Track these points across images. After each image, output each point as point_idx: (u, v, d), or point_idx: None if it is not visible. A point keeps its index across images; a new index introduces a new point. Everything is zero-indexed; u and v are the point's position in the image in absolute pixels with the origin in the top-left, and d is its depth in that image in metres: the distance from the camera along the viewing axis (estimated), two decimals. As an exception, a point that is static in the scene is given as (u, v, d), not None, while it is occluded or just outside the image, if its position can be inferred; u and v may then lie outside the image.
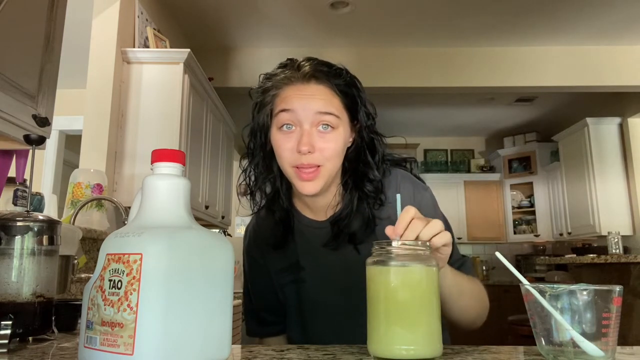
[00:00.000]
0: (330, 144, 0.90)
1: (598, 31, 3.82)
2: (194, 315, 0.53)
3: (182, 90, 2.68)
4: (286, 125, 0.91)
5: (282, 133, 0.92)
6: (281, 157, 0.92)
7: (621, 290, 0.59)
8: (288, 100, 0.92)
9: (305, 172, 0.90)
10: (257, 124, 0.98)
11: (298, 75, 0.93)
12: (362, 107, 0.96)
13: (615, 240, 4.42)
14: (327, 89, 0.93)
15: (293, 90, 0.93)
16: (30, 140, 1.14)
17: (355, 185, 0.97)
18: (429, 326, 0.63)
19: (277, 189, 1.00)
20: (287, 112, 0.91)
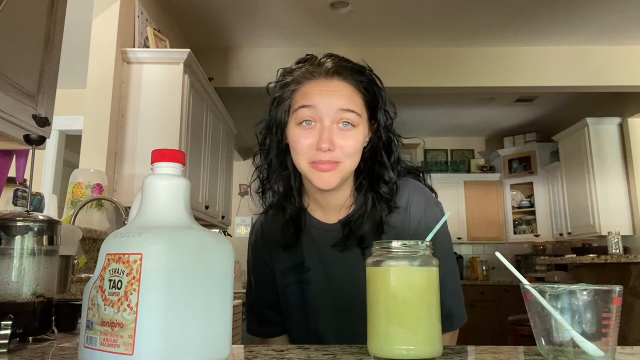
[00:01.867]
0: (351, 142, 0.89)
1: (598, 31, 3.82)
2: (194, 315, 0.53)
3: (182, 90, 2.68)
4: (306, 121, 0.89)
5: (301, 129, 0.90)
6: (298, 153, 0.91)
7: (621, 290, 0.59)
8: (309, 95, 0.90)
9: (322, 165, 0.89)
10: (274, 120, 0.96)
11: (320, 70, 0.92)
12: (382, 105, 0.95)
13: (615, 240, 4.42)
14: (349, 86, 0.91)
15: (315, 86, 0.91)
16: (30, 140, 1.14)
17: (371, 187, 0.96)
18: (429, 326, 0.63)
19: (290, 187, 0.99)
20: (307, 108, 0.89)
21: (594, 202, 4.92)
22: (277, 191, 1.00)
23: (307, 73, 0.92)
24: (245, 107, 5.00)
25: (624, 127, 4.90)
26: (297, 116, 0.90)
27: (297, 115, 0.90)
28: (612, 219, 4.79)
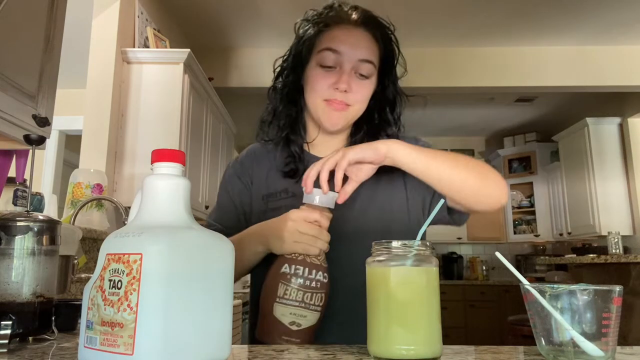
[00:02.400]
0: (364, 90, 0.97)
1: (598, 31, 3.82)
2: (194, 315, 0.53)
3: (182, 90, 2.68)
4: (328, 65, 0.95)
5: (322, 70, 0.96)
6: (315, 91, 0.97)
7: (621, 290, 0.59)
8: (336, 40, 0.96)
9: (335, 104, 0.96)
10: (296, 56, 1.02)
11: (349, 17, 0.98)
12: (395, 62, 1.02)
13: (615, 240, 4.42)
14: (372, 38, 0.98)
15: (342, 32, 0.97)
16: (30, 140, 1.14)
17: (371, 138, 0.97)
18: (429, 326, 0.63)
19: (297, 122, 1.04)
20: (332, 52, 0.95)
21: (594, 202, 4.92)
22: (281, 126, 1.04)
23: (337, 17, 0.98)
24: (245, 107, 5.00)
25: (624, 127, 4.90)
26: (321, 58, 0.96)
27: (321, 56, 0.96)
28: (612, 219, 4.79)
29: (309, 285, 0.79)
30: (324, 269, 0.81)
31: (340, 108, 0.96)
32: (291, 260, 0.81)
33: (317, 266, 0.80)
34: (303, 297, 0.78)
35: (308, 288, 0.79)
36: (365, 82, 0.97)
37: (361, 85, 0.96)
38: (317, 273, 0.80)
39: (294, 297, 0.78)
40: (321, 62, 0.96)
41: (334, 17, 0.98)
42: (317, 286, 0.79)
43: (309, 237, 0.80)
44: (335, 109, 0.96)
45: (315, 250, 0.80)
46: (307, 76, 1.00)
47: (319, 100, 0.97)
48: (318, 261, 0.81)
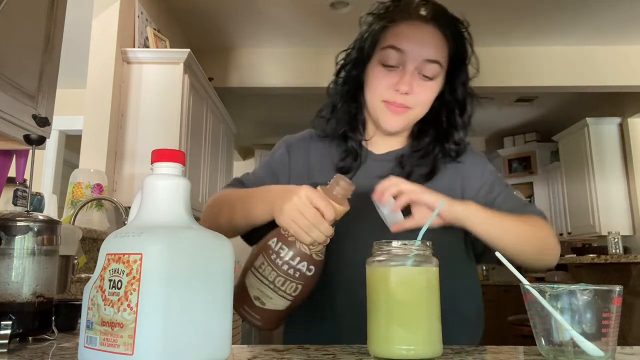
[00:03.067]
0: (427, 92, 0.91)
1: (598, 31, 3.82)
2: (194, 315, 0.53)
3: (182, 90, 2.68)
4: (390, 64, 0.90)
5: (383, 69, 0.90)
6: (375, 90, 0.92)
7: (621, 290, 0.59)
8: (401, 37, 0.90)
9: (395, 107, 0.91)
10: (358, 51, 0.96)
11: (418, 12, 0.91)
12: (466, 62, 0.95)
13: (615, 240, 4.42)
14: (441, 35, 0.91)
15: (408, 28, 0.90)
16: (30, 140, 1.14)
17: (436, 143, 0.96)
18: (429, 326, 0.63)
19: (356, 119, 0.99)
20: (396, 50, 0.89)
21: (594, 202, 4.92)
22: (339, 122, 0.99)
23: (404, 12, 0.91)
24: (245, 107, 5.01)
25: (624, 127, 4.90)
26: (383, 55, 0.90)
27: (384, 54, 0.90)
28: (612, 219, 4.79)
29: (286, 270, 0.72)
30: (312, 261, 0.74)
31: (400, 111, 0.91)
32: (281, 237, 0.74)
33: (305, 255, 0.73)
34: (275, 279, 0.72)
35: (284, 273, 0.72)
36: (429, 83, 0.90)
37: (424, 87, 0.90)
38: (300, 262, 0.73)
39: (267, 274, 0.73)
40: (383, 60, 0.90)
41: (401, 12, 0.91)
42: (295, 275, 0.73)
43: (306, 223, 0.72)
44: (394, 112, 0.91)
45: (307, 238, 0.72)
46: (367, 74, 0.94)
47: (378, 101, 0.92)
48: (309, 250, 0.73)
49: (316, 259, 0.74)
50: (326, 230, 0.73)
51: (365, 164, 0.98)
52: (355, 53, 0.96)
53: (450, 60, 0.93)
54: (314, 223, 0.72)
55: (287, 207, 0.74)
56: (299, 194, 0.74)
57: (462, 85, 0.96)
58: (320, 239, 0.73)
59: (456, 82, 0.95)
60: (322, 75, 4.05)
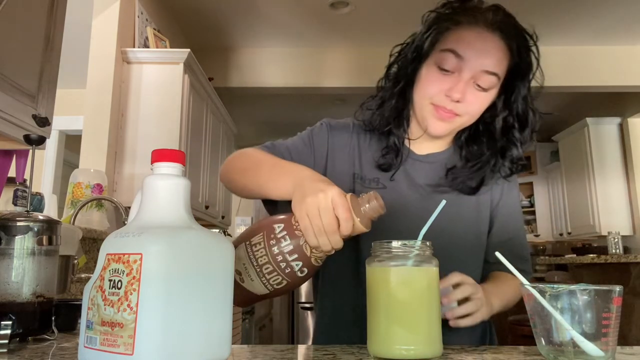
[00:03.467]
0: (479, 102, 0.88)
1: (598, 31, 3.82)
2: (194, 315, 0.53)
3: (182, 90, 2.68)
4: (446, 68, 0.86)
5: (438, 72, 0.87)
6: (425, 92, 0.89)
7: (621, 290, 0.59)
8: (462, 43, 0.85)
9: (443, 112, 0.88)
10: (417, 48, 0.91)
11: (485, 18, 0.86)
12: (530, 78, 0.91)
13: (615, 240, 4.42)
14: (504, 47, 0.87)
15: (472, 34, 0.86)
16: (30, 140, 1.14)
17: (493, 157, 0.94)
18: (429, 326, 0.63)
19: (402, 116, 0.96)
20: (455, 55, 0.85)
21: (594, 202, 4.92)
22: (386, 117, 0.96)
23: (470, 16, 0.87)
24: (245, 107, 5.01)
25: (624, 127, 4.90)
26: (441, 59, 0.87)
27: (442, 57, 0.87)
28: (612, 219, 4.79)
29: (278, 262, 0.68)
30: (308, 264, 0.70)
31: (447, 117, 0.88)
32: (289, 226, 0.70)
33: (304, 256, 0.69)
34: (264, 265, 0.69)
35: (275, 263, 0.68)
36: (482, 94, 0.87)
37: (477, 97, 0.87)
38: (296, 260, 0.69)
39: (258, 256, 0.69)
40: (440, 63, 0.86)
41: (467, 15, 0.87)
42: (286, 271, 0.69)
43: (319, 225, 0.67)
44: (441, 117, 0.88)
45: (314, 240, 0.68)
46: (421, 73, 0.90)
47: (427, 102, 0.89)
48: (309, 252, 0.69)
49: (313, 264, 0.71)
50: (335, 243, 0.69)
51: (406, 163, 0.97)
52: (412, 50, 0.92)
53: (511, 72, 0.89)
54: (327, 230, 0.68)
55: (309, 199, 0.69)
56: (326, 193, 0.69)
57: (523, 99, 0.91)
58: (326, 247, 0.69)
59: (516, 96, 0.91)
60: (322, 75, 4.06)
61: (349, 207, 0.68)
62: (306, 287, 5.67)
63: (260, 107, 5.09)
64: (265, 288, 0.70)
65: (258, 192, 0.86)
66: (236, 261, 0.67)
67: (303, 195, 0.70)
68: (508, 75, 0.89)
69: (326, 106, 4.91)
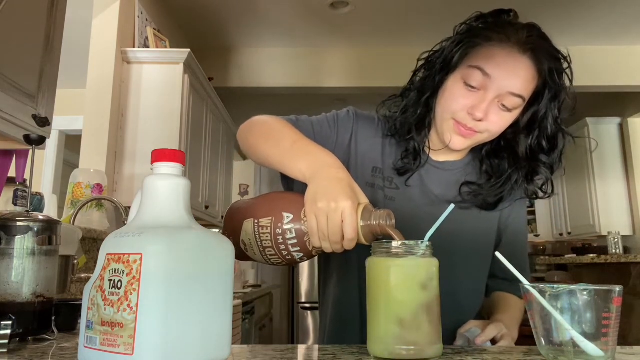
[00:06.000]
0: (501, 122, 0.87)
1: (598, 31, 3.82)
2: (194, 315, 0.53)
3: (182, 90, 2.68)
4: (472, 85, 0.85)
5: (464, 87, 0.86)
6: (449, 106, 0.88)
7: (621, 290, 0.59)
8: (492, 62, 0.84)
9: (464, 129, 0.87)
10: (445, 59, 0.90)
11: (517, 39, 0.85)
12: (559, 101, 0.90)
13: (615, 240, 4.42)
14: (534, 69, 0.85)
15: (502, 54, 0.84)
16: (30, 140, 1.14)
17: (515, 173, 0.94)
18: (429, 326, 0.63)
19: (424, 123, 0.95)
20: (482, 73, 0.84)
21: (594, 202, 4.92)
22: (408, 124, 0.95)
23: (503, 35, 0.86)
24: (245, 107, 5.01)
25: (624, 127, 4.90)
26: (468, 74, 0.85)
27: (469, 73, 0.85)
28: (612, 219, 4.79)
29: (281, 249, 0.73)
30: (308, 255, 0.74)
31: (467, 135, 0.88)
32: (297, 219, 0.72)
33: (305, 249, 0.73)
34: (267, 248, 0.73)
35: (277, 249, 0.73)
36: (505, 114, 0.86)
37: (499, 117, 0.86)
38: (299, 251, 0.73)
39: (264, 238, 0.73)
40: (466, 78, 0.85)
41: (499, 32, 0.86)
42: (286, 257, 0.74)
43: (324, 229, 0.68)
44: (461, 133, 0.88)
45: (317, 242, 0.70)
46: (446, 85, 0.89)
47: (448, 117, 0.88)
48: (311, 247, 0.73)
49: (313, 255, 0.75)
50: (337, 249, 0.71)
51: (423, 168, 0.97)
52: (440, 60, 0.91)
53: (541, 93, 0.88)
54: (330, 237, 0.69)
55: (320, 205, 0.69)
56: (338, 205, 0.68)
57: (554, 121, 0.90)
58: (327, 250, 0.71)
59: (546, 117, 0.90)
60: (322, 75, 4.06)
61: (356, 227, 0.69)
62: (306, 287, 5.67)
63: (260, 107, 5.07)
64: (265, 262, 0.76)
65: (275, 166, 0.84)
66: (243, 233, 0.75)
67: (316, 194, 0.70)
68: (537, 95, 0.88)
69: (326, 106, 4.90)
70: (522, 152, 0.92)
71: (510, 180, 0.94)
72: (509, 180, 0.94)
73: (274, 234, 0.72)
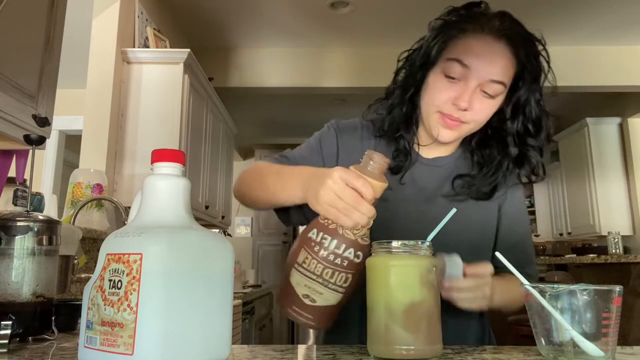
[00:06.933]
0: (486, 110, 0.89)
1: (598, 31, 3.82)
2: (194, 315, 0.53)
3: (182, 90, 2.68)
4: (452, 76, 0.87)
5: (445, 80, 0.88)
6: (433, 100, 0.90)
7: (621, 290, 0.59)
8: (469, 53, 0.86)
9: (450, 120, 0.89)
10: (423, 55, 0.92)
11: (491, 27, 0.87)
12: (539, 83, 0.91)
13: (615, 240, 4.42)
14: (511, 55, 0.87)
15: (478, 44, 0.87)
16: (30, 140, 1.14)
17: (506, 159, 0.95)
18: (429, 326, 0.63)
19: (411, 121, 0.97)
20: (461, 65, 0.86)
21: (594, 202, 4.92)
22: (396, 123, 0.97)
23: (476, 24, 0.88)
24: (245, 107, 5.01)
25: (624, 127, 4.90)
26: (447, 67, 0.87)
27: (448, 66, 0.87)
28: (612, 219, 4.79)
29: (333, 260, 0.69)
30: (358, 247, 0.70)
31: (453, 126, 0.89)
32: (321, 226, 0.71)
33: (350, 241, 0.69)
34: (322, 272, 0.68)
35: (330, 264, 0.68)
36: (489, 101, 0.88)
37: (483, 105, 0.88)
38: (347, 249, 0.69)
39: (313, 269, 0.69)
40: (446, 71, 0.87)
41: (473, 22, 0.88)
42: (343, 264, 0.69)
43: (345, 205, 0.68)
44: (448, 125, 0.89)
45: (349, 222, 0.69)
46: (428, 80, 0.92)
47: (434, 111, 0.90)
48: (353, 236, 0.70)
49: (362, 244, 0.70)
50: (367, 211, 0.69)
51: (414, 166, 0.98)
52: (419, 57, 0.94)
53: (520, 78, 0.90)
54: (353, 205, 0.68)
55: (322, 192, 0.70)
56: (332, 176, 0.70)
57: (536, 104, 0.92)
58: (362, 220, 0.69)
59: (529, 101, 0.91)
60: (322, 75, 4.06)
61: (358, 175, 0.69)
62: (306, 287, 5.66)
63: (260, 107, 5.09)
64: (336, 292, 0.70)
65: (269, 202, 0.88)
66: (297, 288, 0.70)
67: (315, 192, 0.72)
68: (517, 81, 0.90)
69: (326, 106, 4.91)
70: (509, 137, 0.93)
71: (502, 167, 0.95)
72: (500, 167, 0.95)
73: (315, 254, 0.70)
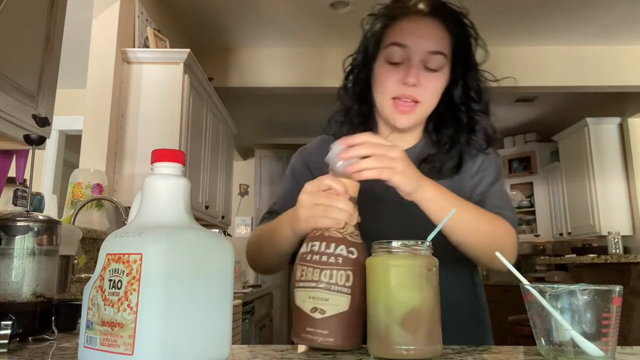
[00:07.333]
0: (434, 83, 0.92)
1: (598, 31, 3.82)
2: (194, 315, 0.53)
3: (182, 90, 2.68)
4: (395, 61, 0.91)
5: (389, 66, 0.92)
6: (384, 88, 0.93)
7: (621, 290, 0.59)
8: (403, 34, 0.92)
9: (403, 105, 0.92)
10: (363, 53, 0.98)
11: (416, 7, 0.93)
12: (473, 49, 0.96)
13: (615, 240, 4.42)
14: (441, 26, 0.93)
15: (409, 24, 0.93)
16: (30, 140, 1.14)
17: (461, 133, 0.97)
18: (429, 326, 0.63)
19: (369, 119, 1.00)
20: (399, 46, 0.91)
21: (594, 202, 4.92)
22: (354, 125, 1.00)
23: (403, 9, 0.94)
24: (245, 107, 5.01)
25: (624, 127, 4.90)
26: (388, 53, 0.92)
27: (388, 52, 0.92)
28: (612, 219, 4.79)
29: (327, 261, 0.67)
30: (349, 243, 0.69)
31: (408, 110, 0.92)
32: (309, 238, 0.72)
33: (339, 239, 0.69)
34: (320, 275, 0.67)
35: (325, 264, 0.67)
36: (434, 74, 0.92)
37: (430, 79, 0.91)
38: (337, 247, 0.68)
39: (310, 276, 0.67)
40: (388, 58, 0.92)
41: (400, 9, 0.94)
42: (339, 262, 0.67)
43: (322, 207, 0.70)
44: (402, 111, 0.92)
45: (328, 221, 0.70)
46: (375, 73, 0.96)
47: (387, 99, 0.93)
48: (340, 234, 0.70)
49: (352, 241, 0.70)
50: (345, 205, 0.70)
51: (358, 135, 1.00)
52: (360, 55, 0.99)
53: (456, 49, 0.95)
54: (329, 203, 0.70)
55: (300, 209, 0.75)
56: (305, 190, 0.75)
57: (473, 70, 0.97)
58: (342, 215, 0.70)
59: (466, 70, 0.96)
60: (322, 75, 4.05)
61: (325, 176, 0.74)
62: (306, 287, 5.66)
63: (260, 107, 5.09)
64: (342, 294, 0.67)
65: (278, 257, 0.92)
66: (304, 305, 0.67)
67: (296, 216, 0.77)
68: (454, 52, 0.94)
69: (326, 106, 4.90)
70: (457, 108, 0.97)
71: (459, 139, 0.98)
72: (458, 140, 0.98)
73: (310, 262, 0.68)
